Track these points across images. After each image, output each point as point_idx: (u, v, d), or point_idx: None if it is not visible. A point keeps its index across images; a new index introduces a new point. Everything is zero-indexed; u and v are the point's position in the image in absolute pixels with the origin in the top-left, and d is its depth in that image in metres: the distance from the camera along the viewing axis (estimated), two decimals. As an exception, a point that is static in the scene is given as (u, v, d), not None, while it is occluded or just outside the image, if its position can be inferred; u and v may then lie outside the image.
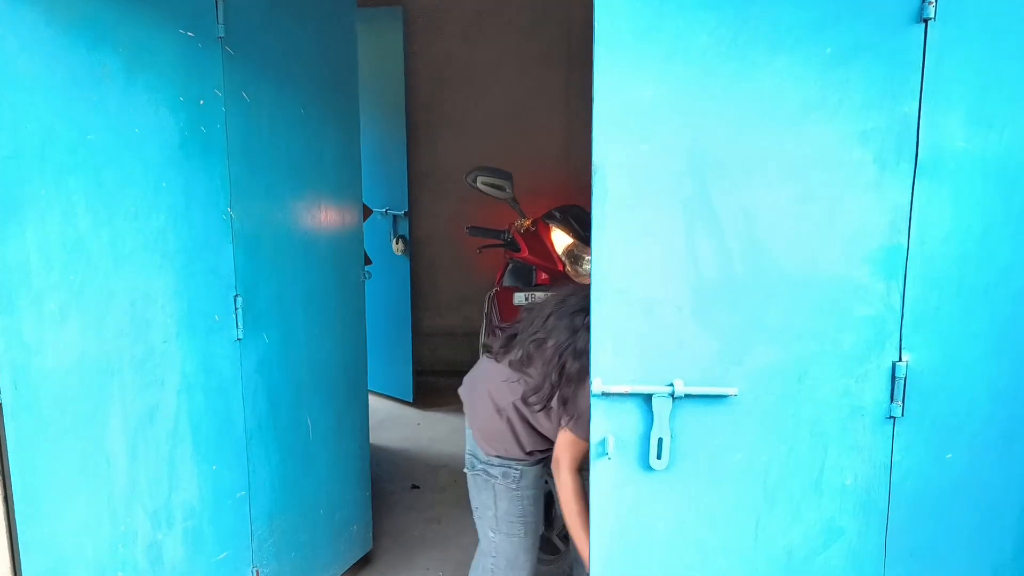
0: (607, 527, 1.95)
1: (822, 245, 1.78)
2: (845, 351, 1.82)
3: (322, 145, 2.74)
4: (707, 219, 1.79)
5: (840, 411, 1.85)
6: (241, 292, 2.41)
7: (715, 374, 1.85)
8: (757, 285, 1.80)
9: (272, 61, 2.47)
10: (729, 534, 1.93)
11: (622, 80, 1.76)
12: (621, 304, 1.83)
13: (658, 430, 1.86)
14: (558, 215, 3.26)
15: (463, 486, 4.07)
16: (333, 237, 2.86)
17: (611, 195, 1.80)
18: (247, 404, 2.49)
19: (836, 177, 1.75)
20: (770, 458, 1.88)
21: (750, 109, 1.75)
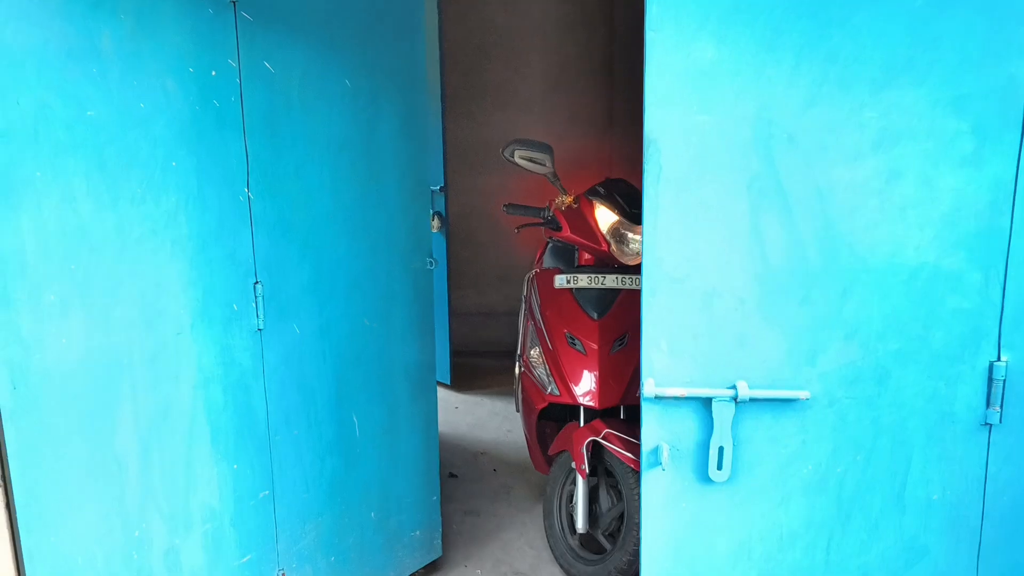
0: (660, 544, 1.78)
1: (908, 229, 1.57)
2: (934, 350, 1.62)
3: (375, 120, 2.54)
4: (775, 200, 1.59)
5: (927, 417, 1.65)
6: (262, 279, 2.26)
7: (783, 375, 1.66)
8: (833, 275, 1.60)
9: (304, 26, 2.28)
10: (798, 554, 1.75)
11: (679, 40, 1.55)
12: (677, 296, 1.65)
13: (719, 438, 1.68)
14: (602, 191, 3.06)
15: (503, 475, 3.94)
16: (389, 221, 2.67)
17: (665, 172, 1.61)
18: (271, 399, 2.34)
19: (926, 151, 1.54)
20: (846, 469, 1.70)
21: (825, 73, 1.54)
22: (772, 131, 1.55)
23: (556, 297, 2.99)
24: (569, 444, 2.95)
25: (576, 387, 2.87)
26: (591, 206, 3.01)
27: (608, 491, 2.97)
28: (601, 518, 2.97)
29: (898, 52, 1.50)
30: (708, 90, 1.55)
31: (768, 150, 1.56)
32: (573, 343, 2.90)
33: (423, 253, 2.82)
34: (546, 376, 2.94)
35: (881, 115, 1.53)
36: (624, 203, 3.01)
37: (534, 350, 3.01)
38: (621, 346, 2.88)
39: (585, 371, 2.86)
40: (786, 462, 1.70)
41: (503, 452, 4.14)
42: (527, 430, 3.23)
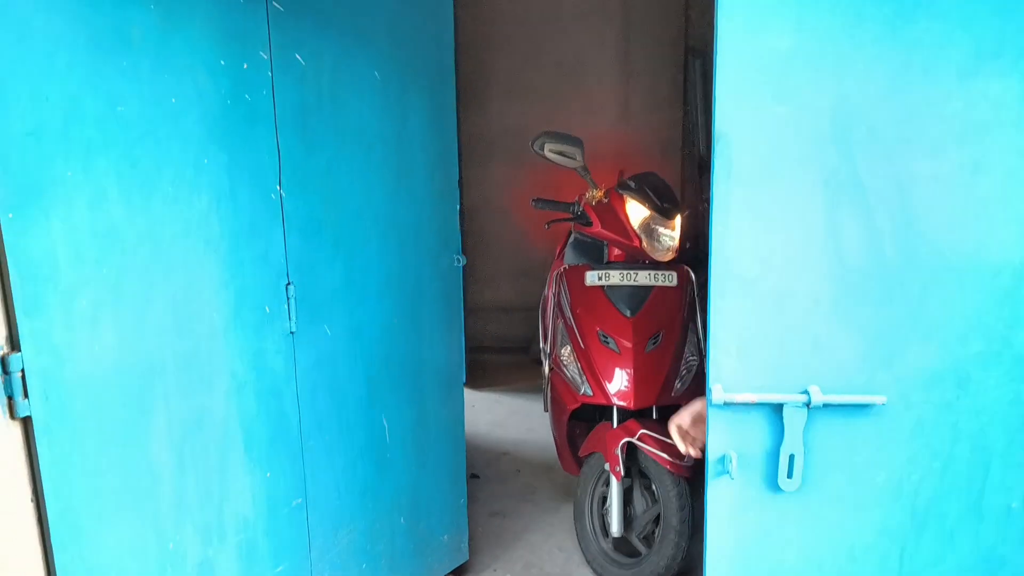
0: (726, 554, 1.71)
1: (994, 225, 1.50)
2: (1017, 351, 1.54)
3: (405, 113, 2.47)
4: (853, 195, 1.51)
5: (1007, 422, 1.58)
6: (294, 280, 2.18)
7: (859, 380, 1.58)
8: (913, 273, 1.53)
9: (334, 17, 2.20)
10: (869, 566, 1.68)
11: (753, 27, 1.47)
12: (747, 298, 1.57)
13: (790, 445, 1.61)
14: (633, 185, 2.98)
15: (527, 476, 3.87)
16: (420, 217, 2.61)
17: (736, 168, 1.52)
18: (303, 404, 2.27)
19: (1013, 143, 1.46)
20: (921, 477, 1.62)
21: (909, 61, 1.46)
22: (851, 123, 1.47)
23: (587, 294, 2.92)
24: (602, 445, 2.88)
25: (610, 387, 2.79)
26: (622, 200, 2.93)
27: (643, 493, 2.90)
28: (635, 521, 2.90)
29: (986, 38, 1.42)
30: (783, 80, 1.47)
31: (847, 143, 1.48)
32: (606, 341, 2.82)
33: (451, 250, 2.75)
34: (579, 376, 2.86)
35: (967, 106, 1.45)
36: (655, 197, 2.93)
37: (565, 349, 2.93)
38: (655, 345, 2.81)
39: (619, 370, 2.79)
40: (859, 470, 1.63)
41: (525, 452, 4.07)
42: (556, 430, 3.16)
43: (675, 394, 2.82)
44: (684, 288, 2.93)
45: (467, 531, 3.03)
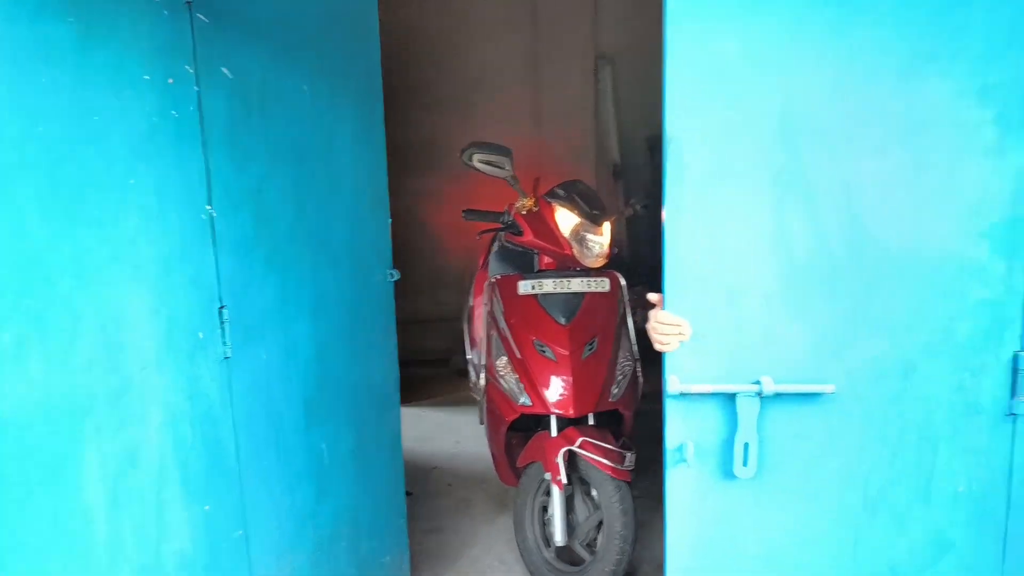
0: (686, 541, 1.79)
1: (933, 220, 1.58)
2: (959, 341, 1.62)
3: (335, 126, 2.41)
4: (801, 194, 1.58)
5: (952, 409, 1.65)
6: (228, 303, 2.09)
7: (809, 370, 1.66)
8: (858, 268, 1.60)
9: (261, 28, 2.13)
10: (825, 550, 1.74)
11: (700, 35, 1.52)
12: (700, 293, 1.65)
13: (744, 434, 1.68)
14: (562, 193, 2.99)
15: (460, 489, 3.83)
16: (352, 232, 2.55)
17: (687, 169, 1.58)
18: (240, 431, 2.18)
19: (951, 141, 1.54)
20: (872, 464, 1.69)
21: (851, 65, 1.53)
22: (797, 124, 1.54)
23: (520, 304, 2.91)
24: (542, 455, 2.87)
25: (548, 395, 2.79)
26: (551, 209, 2.94)
27: (584, 500, 2.91)
28: (578, 528, 2.90)
29: (923, 42, 1.50)
30: (731, 85, 1.53)
31: (793, 144, 1.55)
32: (542, 350, 2.82)
33: (384, 265, 2.70)
34: (516, 386, 2.85)
35: (906, 106, 1.52)
36: (584, 204, 2.95)
37: (501, 359, 2.92)
38: (591, 351, 2.82)
39: (557, 378, 2.79)
40: (811, 457, 1.71)
41: (456, 465, 4.03)
42: (494, 443, 3.14)
43: (612, 399, 2.84)
44: (616, 293, 2.95)
45: (408, 551, 2.98)
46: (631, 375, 2.93)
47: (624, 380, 2.90)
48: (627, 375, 2.91)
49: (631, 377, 2.93)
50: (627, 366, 2.92)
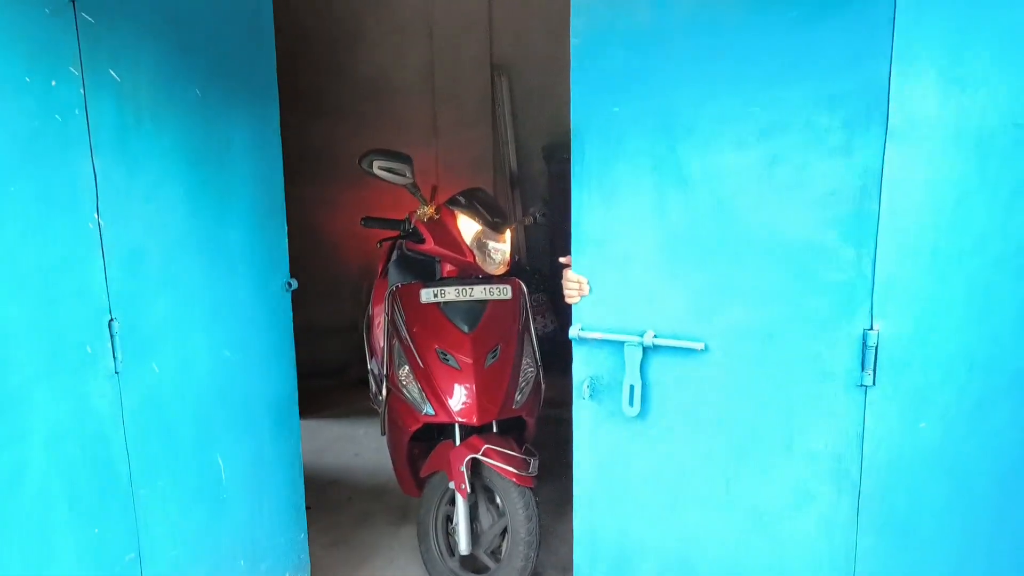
0: (587, 465, 2.19)
1: (788, 209, 1.80)
2: (813, 316, 1.84)
3: (228, 131, 2.42)
4: (676, 179, 1.88)
5: (810, 376, 1.87)
6: (118, 316, 2.02)
7: (685, 329, 1.96)
8: (725, 245, 1.87)
9: (152, 30, 2.11)
10: (700, 487, 2.04)
11: (595, 47, 1.86)
12: (598, 257, 2.04)
13: (629, 377, 2.01)
14: (463, 200, 3.02)
15: (360, 501, 3.79)
16: (246, 241, 2.54)
17: (587, 156, 1.99)
18: (132, 449, 2.12)
19: (803, 141, 1.76)
20: (739, 416, 1.96)
21: (720, 72, 1.78)
22: (673, 121, 1.82)
23: (423, 312, 2.91)
24: (445, 464, 2.87)
25: (452, 404, 2.79)
26: (453, 216, 2.96)
27: (488, 508, 2.92)
28: (482, 536, 2.92)
29: (780, 56, 1.73)
30: (620, 87, 1.84)
31: (670, 138, 1.83)
32: (445, 359, 2.82)
33: (282, 275, 2.64)
34: (419, 396, 2.84)
35: (765, 109, 1.75)
36: (485, 212, 2.97)
37: (403, 369, 2.90)
38: (494, 358, 2.85)
39: (461, 387, 2.81)
40: (689, 405, 2.01)
41: (355, 478, 3.99)
42: (396, 453, 3.13)
43: (515, 406, 2.87)
44: (518, 300, 2.98)
45: (309, 566, 2.93)
46: (534, 382, 2.96)
47: (527, 387, 2.93)
48: (530, 382, 2.95)
49: (534, 384, 2.97)
50: (530, 373, 2.95)
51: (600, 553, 2.23)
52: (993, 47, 1.60)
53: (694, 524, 2.05)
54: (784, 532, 1.94)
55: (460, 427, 2.89)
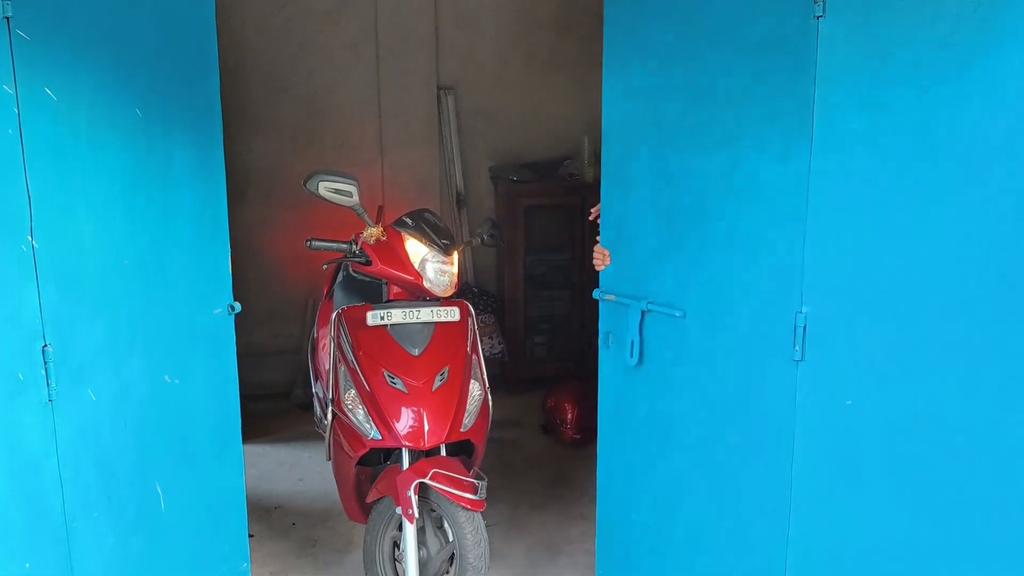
0: (611, 401, 2.74)
1: (741, 205, 2.18)
2: (761, 296, 2.16)
3: (170, 151, 2.35)
4: (666, 177, 2.36)
5: (760, 347, 2.19)
6: (52, 341, 1.95)
7: (670, 298, 2.42)
8: (695, 232, 2.32)
9: (91, 48, 2.05)
10: (683, 434, 2.46)
11: (621, 67, 2.47)
12: (617, 235, 2.59)
13: (630, 334, 2.54)
14: (410, 222, 2.99)
15: (304, 528, 3.72)
16: (188, 264, 2.48)
17: (611, 152, 2.54)
18: (66, 480, 2.04)
19: (753, 149, 2.13)
20: (708, 375, 2.36)
21: (696, 95, 2.25)
22: (664, 132, 2.35)
23: (370, 335, 2.88)
24: (392, 489, 2.83)
25: (399, 428, 2.76)
26: (400, 238, 2.93)
27: (435, 533, 2.89)
28: (430, 562, 2.88)
29: (738, 81, 2.14)
30: (631, 104, 2.45)
31: (660, 145, 2.36)
32: (393, 382, 2.79)
33: (224, 297, 2.59)
34: (366, 420, 2.80)
35: (727, 122, 2.17)
36: (433, 233, 2.95)
37: (349, 393, 2.86)
38: (443, 381, 2.82)
39: (408, 410, 2.78)
40: (673, 361, 2.46)
41: (299, 504, 3.91)
42: (341, 478, 3.07)
43: (463, 429, 2.84)
44: (466, 322, 2.96)
45: (252, 600, 2.85)
46: (482, 404, 2.94)
47: (475, 410, 2.91)
48: (478, 404, 2.92)
49: (482, 406, 2.94)
50: (478, 395, 2.93)
51: (614, 485, 2.78)
52: (902, 74, 1.83)
53: (678, 467, 2.49)
54: (741, 479, 2.29)
55: (408, 451, 2.86)
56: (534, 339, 5.18)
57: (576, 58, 5.25)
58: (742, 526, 2.31)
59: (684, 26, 2.23)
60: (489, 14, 5.17)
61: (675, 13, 2.25)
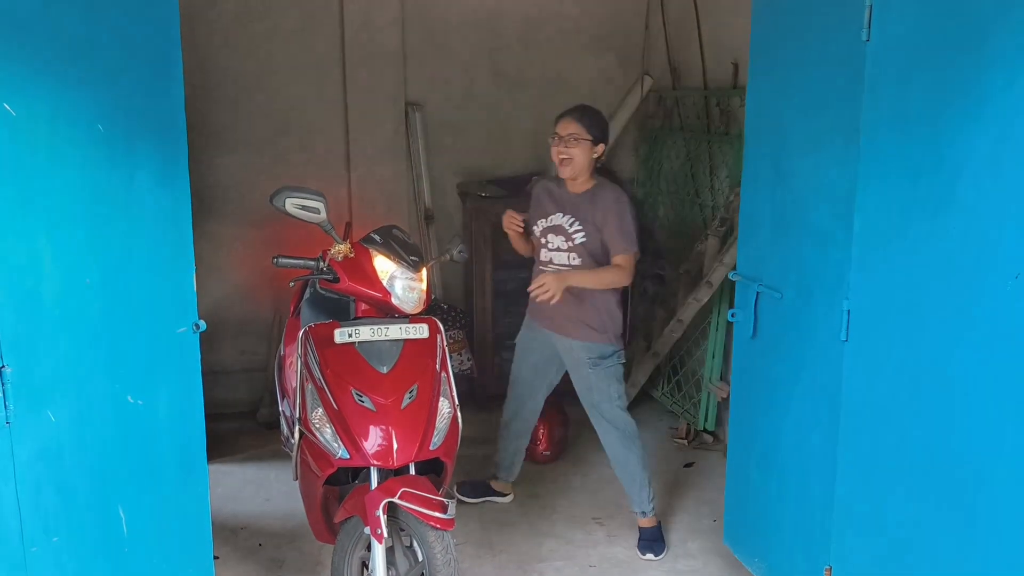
0: (741, 368, 3.22)
1: (816, 198, 2.67)
2: (823, 282, 2.63)
3: (133, 168, 2.31)
4: (781, 172, 2.85)
5: (826, 329, 2.63)
6: (10, 362, 1.90)
7: (777, 281, 2.87)
8: (793, 227, 2.82)
9: (51, 63, 2.01)
10: (796, 394, 2.82)
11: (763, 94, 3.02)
12: (749, 225, 3.07)
13: (748, 311, 3.03)
14: (378, 239, 2.97)
15: (270, 549, 3.66)
16: (151, 282, 2.43)
17: (749, 151, 3.07)
18: (24, 505, 1.98)
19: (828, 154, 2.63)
20: (791, 352, 2.84)
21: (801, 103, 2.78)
22: (780, 134, 2.83)
23: (337, 353, 2.84)
24: (360, 508, 2.79)
25: (367, 446, 2.72)
26: (368, 255, 2.90)
27: (404, 552, 2.85)
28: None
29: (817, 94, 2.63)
30: (763, 108, 2.95)
31: (776, 144, 2.85)
32: (361, 400, 2.76)
33: (189, 316, 2.54)
34: (333, 439, 2.76)
35: (813, 129, 2.65)
36: (401, 250, 2.93)
37: (316, 412, 2.82)
38: (411, 398, 2.79)
39: (376, 428, 2.75)
40: (777, 334, 2.90)
41: (265, 524, 3.85)
42: (308, 498, 3.03)
43: (432, 448, 2.81)
44: (435, 340, 2.94)
45: (217, 626, 2.79)
46: (451, 421, 2.91)
47: (444, 427, 2.88)
48: (447, 421, 2.89)
49: (451, 424, 2.92)
50: (447, 413, 2.91)
51: (740, 434, 3.23)
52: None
53: (776, 427, 2.92)
54: (805, 441, 2.74)
55: (376, 470, 2.82)
56: (503, 355, 5.16)
57: (542, 74, 5.29)
58: (805, 475, 2.76)
59: (793, 45, 2.70)
60: (455, 31, 5.18)
61: (791, 34, 2.72)
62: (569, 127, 3.43)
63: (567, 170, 3.47)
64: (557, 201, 3.58)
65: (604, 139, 3.52)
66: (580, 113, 3.48)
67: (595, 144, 3.46)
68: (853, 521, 2.53)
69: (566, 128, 3.45)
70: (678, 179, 5.00)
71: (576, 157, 3.43)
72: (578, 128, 3.43)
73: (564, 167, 3.46)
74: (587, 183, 3.53)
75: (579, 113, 3.48)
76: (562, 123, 3.47)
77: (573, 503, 4.02)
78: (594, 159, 3.49)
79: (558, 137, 3.45)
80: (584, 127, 3.43)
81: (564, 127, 3.45)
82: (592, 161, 3.49)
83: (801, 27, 2.69)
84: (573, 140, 3.42)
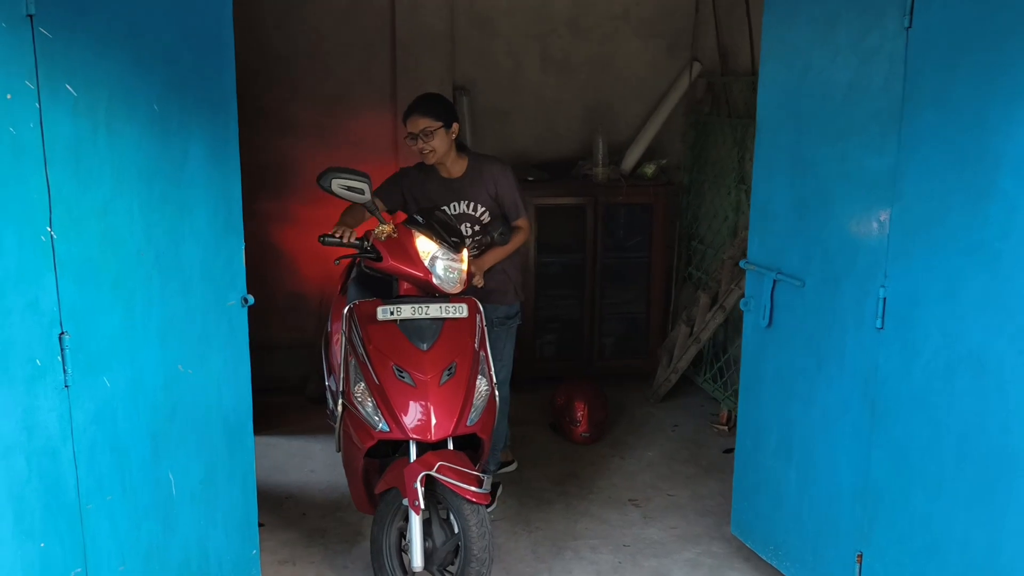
0: (750, 353, 3.19)
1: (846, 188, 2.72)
2: (854, 271, 2.69)
3: (186, 146, 2.40)
4: (802, 157, 2.84)
5: (852, 314, 2.67)
6: (69, 329, 2.01)
7: (798, 269, 2.84)
8: (826, 212, 2.76)
9: (110, 45, 2.11)
10: (809, 379, 2.86)
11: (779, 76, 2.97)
12: (763, 214, 3.05)
13: (764, 299, 3.01)
14: (421, 220, 3.04)
15: (314, 519, 3.77)
16: (203, 256, 2.52)
17: (762, 140, 3.03)
18: (81, 464, 2.10)
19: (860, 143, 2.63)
20: (811, 338, 2.83)
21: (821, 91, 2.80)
22: (799, 123, 2.83)
23: (379, 329, 2.93)
24: (399, 480, 2.88)
25: (407, 421, 2.81)
26: (411, 235, 2.98)
27: (441, 525, 2.93)
28: (435, 553, 2.92)
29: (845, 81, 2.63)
30: (779, 96, 2.95)
31: (796, 133, 2.83)
32: (401, 376, 2.84)
33: (238, 290, 2.65)
34: (374, 412, 2.85)
35: (840, 118, 2.66)
36: (443, 231, 3.00)
37: (359, 386, 2.92)
38: (450, 376, 2.87)
39: (416, 404, 2.83)
40: (797, 323, 2.89)
41: (310, 494, 3.97)
42: (350, 470, 3.12)
43: (470, 424, 2.89)
44: (474, 319, 3.01)
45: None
46: (488, 400, 2.98)
47: (481, 404, 2.95)
48: (484, 399, 2.97)
49: (488, 402, 2.98)
50: (484, 391, 2.98)
51: (749, 424, 3.23)
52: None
53: (793, 413, 2.93)
54: (834, 430, 2.74)
55: (415, 444, 2.90)
56: (544, 338, 5.22)
57: (590, 59, 5.29)
58: (834, 463, 2.76)
59: (815, 32, 2.67)
60: (503, 14, 5.21)
61: (812, 21, 2.70)
62: (419, 123, 3.46)
63: (433, 160, 3.53)
64: (449, 189, 3.63)
65: (455, 117, 3.57)
66: (424, 107, 3.50)
67: (448, 127, 3.51)
68: (885, 509, 2.54)
69: (417, 125, 3.47)
70: (725, 165, 4.98)
71: (438, 147, 3.49)
72: (428, 121, 3.45)
73: (430, 158, 3.52)
74: (460, 163, 3.63)
75: (423, 107, 3.50)
76: (411, 122, 3.49)
77: (610, 484, 4.07)
78: (453, 139, 3.56)
79: (412, 136, 3.49)
80: (432, 117, 3.46)
81: (414, 125, 3.48)
82: (452, 142, 3.55)
83: (828, 14, 2.65)
84: (429, 133, 3.46)
